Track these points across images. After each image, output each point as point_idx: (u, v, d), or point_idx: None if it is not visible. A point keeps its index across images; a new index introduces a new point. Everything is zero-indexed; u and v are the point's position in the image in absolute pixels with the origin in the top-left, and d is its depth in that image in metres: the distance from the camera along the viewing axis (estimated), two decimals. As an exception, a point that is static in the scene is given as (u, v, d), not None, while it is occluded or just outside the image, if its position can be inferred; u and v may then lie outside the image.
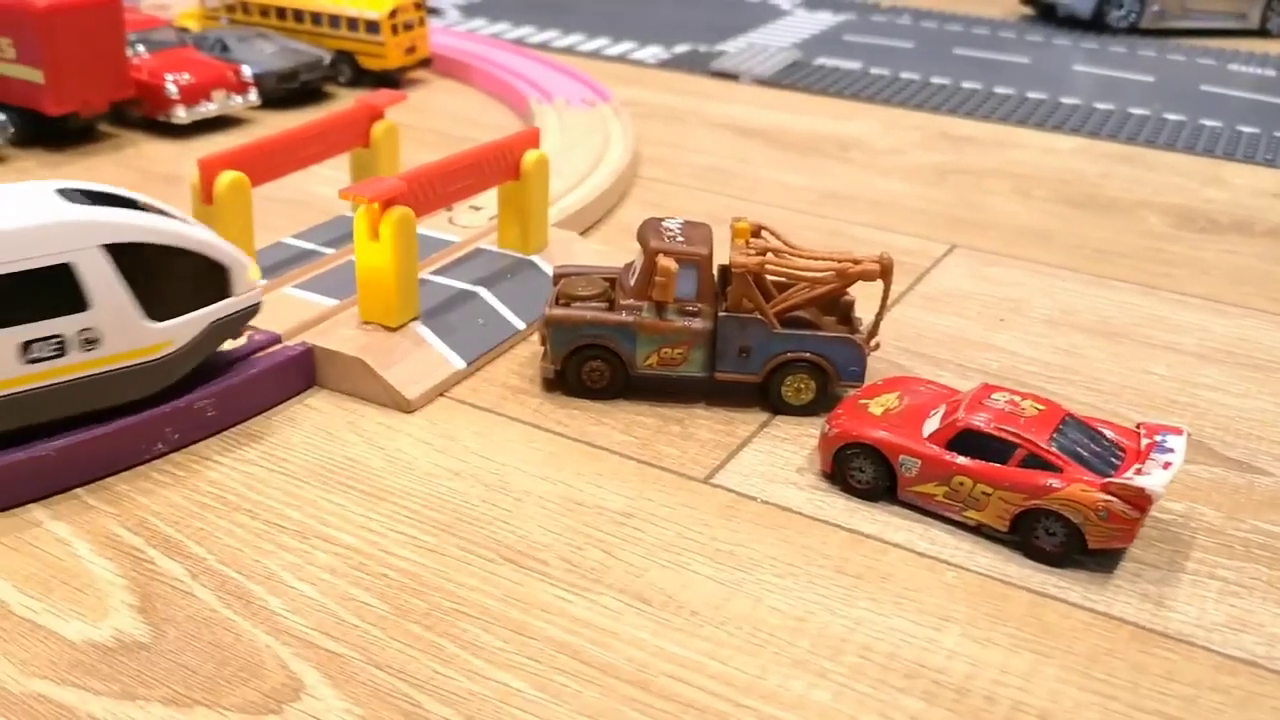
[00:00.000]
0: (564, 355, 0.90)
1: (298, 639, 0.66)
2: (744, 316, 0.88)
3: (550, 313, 0.90)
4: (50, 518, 0.75)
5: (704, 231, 0.91)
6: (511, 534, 0.76)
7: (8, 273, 0.72)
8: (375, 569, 0.72)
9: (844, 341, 0.89)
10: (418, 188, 0.93)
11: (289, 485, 0.79)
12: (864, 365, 0.89)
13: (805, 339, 0.89)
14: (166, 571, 0.70)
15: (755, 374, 0.90)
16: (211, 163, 0.95)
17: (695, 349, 0.89)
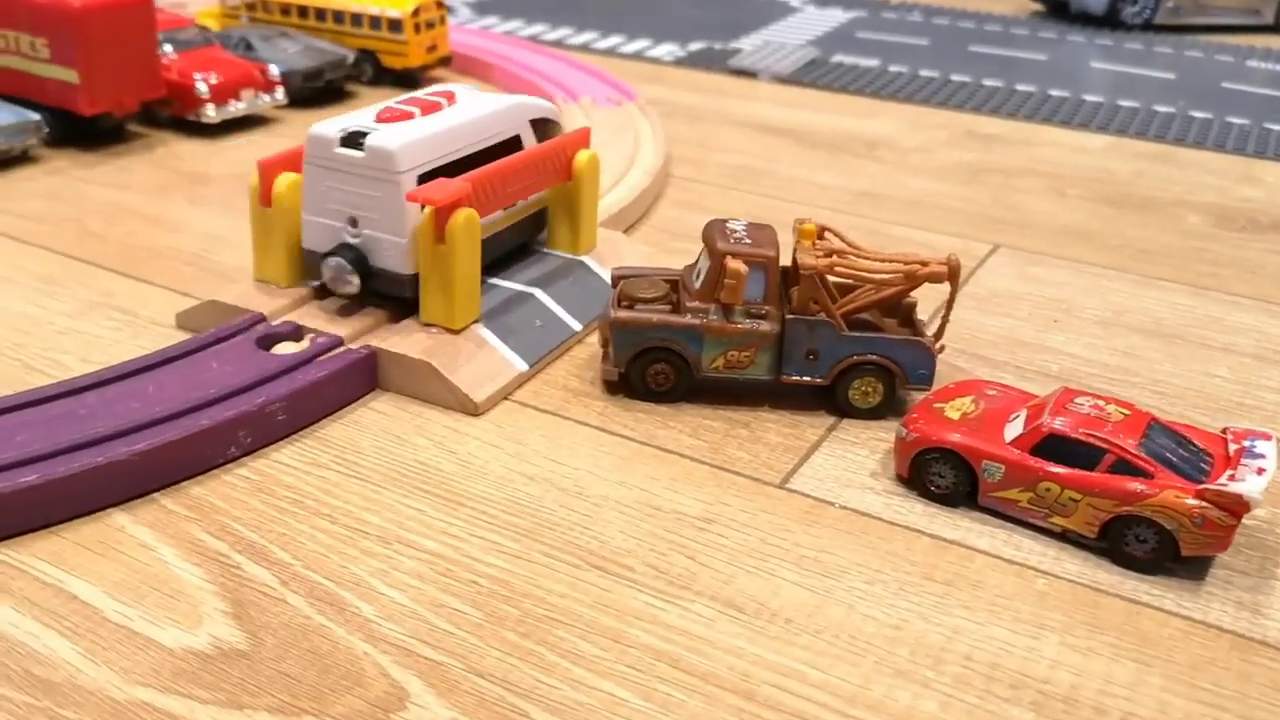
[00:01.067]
0: (629, 358, 0.90)
1: (395, 646, 0.65)
2: (812, 319, 0.88)
3: (616, 315, 0.89)
4: (132, 522, 0.74)
5: (769, 233, 0.91)
6: (594, 539, 0.75)
7: (495, 143, 0.99)
8: (463, 575, 0.71)
9: (913, 344, 0.89)
10: (481, 190, 0.92)
11: (365, 490, 0.78)
12: (933, 368, 0.89)
13: (874, 341, 0.88)
14: (255, 578, 0.70)
15: (823, 377, 0.89)
16: (271, 165, 0.94)
17: (762, 352, 0.89)
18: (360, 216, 0.90)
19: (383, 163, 0.88)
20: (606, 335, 0.91)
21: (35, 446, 0.73)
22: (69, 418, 0.77)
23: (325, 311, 0.93)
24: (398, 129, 0.92)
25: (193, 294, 1.02)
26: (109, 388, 0.82)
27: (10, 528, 0.71)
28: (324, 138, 0.91)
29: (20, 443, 0.74)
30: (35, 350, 0.92)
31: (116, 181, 1.27)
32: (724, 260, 0.87)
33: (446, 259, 0.89)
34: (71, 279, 1.04)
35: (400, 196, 0.88)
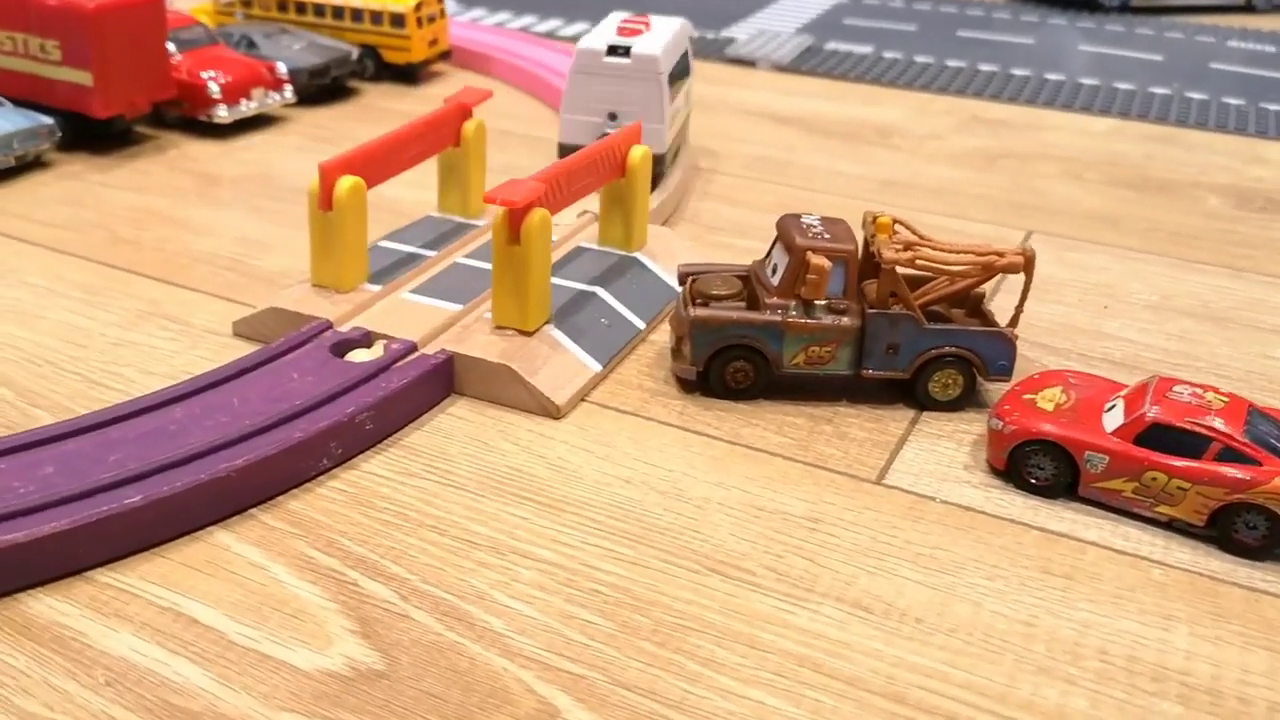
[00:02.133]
0: (707, 356, 0.89)
1: (534, 661, 0.64)
2: (894, 313, 0.87)
3: (695, 314, 0.88)
4: (236, 540, 0.71)
5: (845, 227, 0.90)
6: (706, 543, 0.74)
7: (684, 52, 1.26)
8: (584, 584, 0.70)
9: (994, 335, 0.88)
10: (552, 189, 0.90)
11: (465, 499, 0.77)
12: (1013, 359, 0.89)
13: (955, 334, 0.88)
14: (375, 594, 0.68)
15: (903, 371, 0.89)
16: (332, 168, 0.92)
17: (843, 347, 0.88)
18: (621, 111, 1.17)
19: (648, 65, 1.17)
20: (682, 333, 0.90)
21: (132, 465, 0.71)
22: (159, 434, 0.74)
23: (389, 316, 0.91)
24: (647, 39, 1.20)
25: (241, 300, 1.00)
26: (193, 401, 0.79)
27: (115, 551, 0.68)
28: (592, 50, 1.18)
29: (115, 462, 0.71)
30: (94, 363, 0.89)
31: (135, 185, 1.23)
32: (805, 256, 0.86)
33: (521, 260, 0.87)
34: (114, 288, 1.01)
35: (661, 92, 1.18)
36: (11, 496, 0.67)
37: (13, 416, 0.82)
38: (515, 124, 1.50)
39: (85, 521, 0.66)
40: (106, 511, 0.67)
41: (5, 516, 0.66)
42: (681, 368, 0.90)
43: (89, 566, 0.68)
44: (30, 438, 0.73)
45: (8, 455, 0.72)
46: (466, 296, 0.95)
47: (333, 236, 0.92)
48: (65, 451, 0.72)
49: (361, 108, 1.53)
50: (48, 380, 0.87)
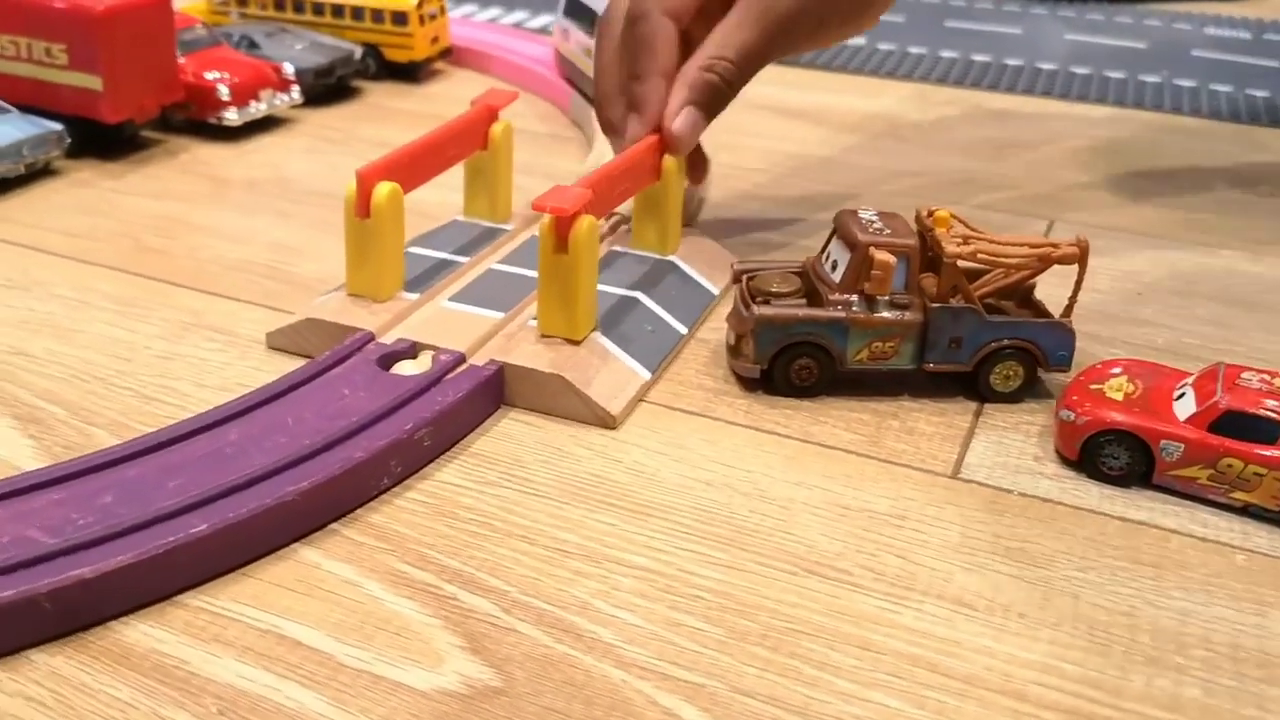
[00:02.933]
0: (772, 354, 0.88)
1: (650, 670, 0.63)
2: (956, 307, 0.88)
3: (760, 312, 0.87)
4: (324, 557, 0.70)
5: (903, 222, 0.90)
6: (798, 544, 0.73)
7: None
8: (685, 590, 0.69)
9: (1055, 326, 0.89)
10: (599, 196, 0.89)
11: (549, 507, 0.76)
12: (1073, 349, 0.89)
13: (1017, 325, 0.88)
14: (476, 608, 0.66)
15: (965, 364, 0.89)
16: (369, 174, 0.90)
17: (906, 341, 0.88)
18: None
19: None
20: (743, 332, 0.89)
21: (193, 491, 0.68)
22: (217, 457, 0.72)
23: (431, 325, 0.90)
24: None
25: (282, 308, 0.97)
26: (246, 421, 0.77)
27: (186, 580, 0.66)
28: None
29: (176, 488, 0.69)
30: (144, 378, 0.87)
31: (150, 191, 1.20)
32: (868, 251, 0.86)
33: (569, 269, 0.86)
34: (150, 299, 0.98)
35: None
36: (71, 529, 0.65)
37: (71, 436, 0.80)
38: (520, 121, 1.48)
39: (152, 554, 0.64)
40: (172, 542, 0.65)
41: (65, 551, 0.63)
42: (744, 366, 0.90)
43: (170, 594, 0.66)
44: (84, 464, 0.70)
45: (63, 484, 0.69)
46: (507, 304, 0.93)
47: (370, 244, 0.91)
48: (123, 478, 0.70)
49: (367, 107, 1.51)
50: (99, 397, 0.84)
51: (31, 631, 0.61)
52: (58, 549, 0.63)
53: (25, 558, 0.62)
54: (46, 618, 0.61)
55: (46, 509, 0.66)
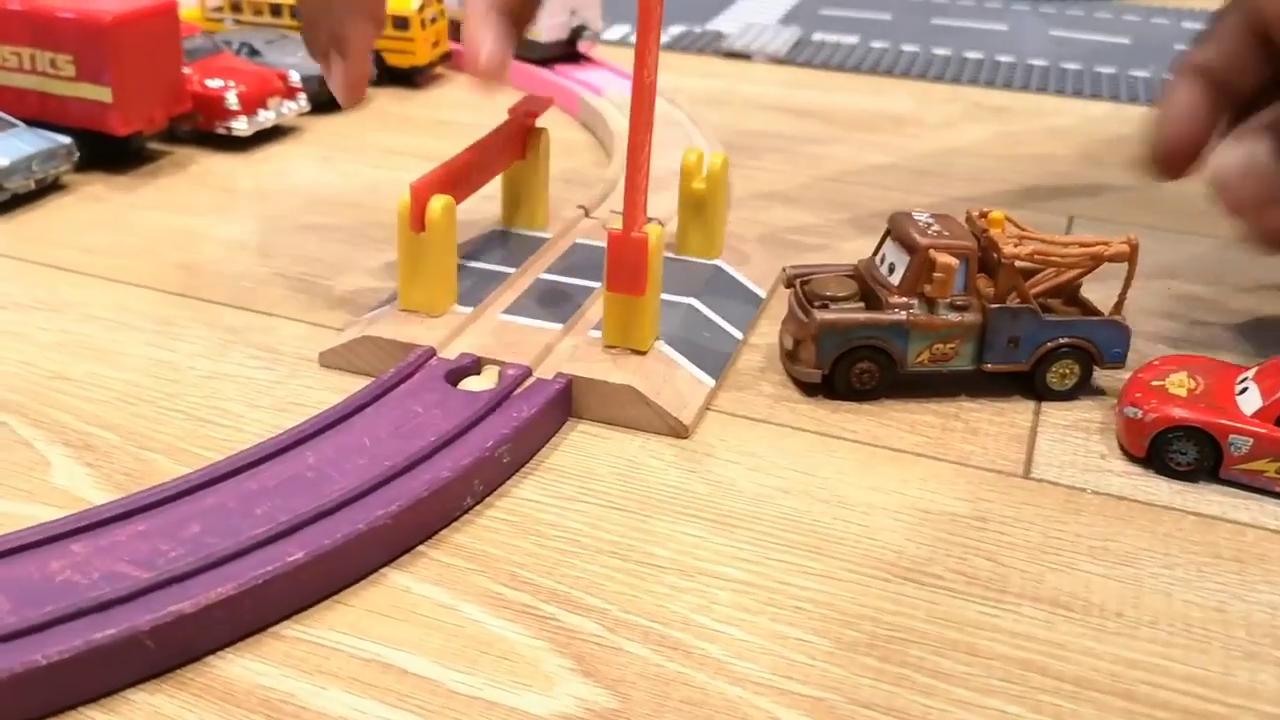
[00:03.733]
0: (833, 359, 0.88)
1: (765, 686, 0.62)
2: (1015, 307, 0.88)
3: (823, 317, 0.87)
4: (415, 581, 0.68)
5: (958, 224, 0.90)
6: (886, 550, 0.73)
7: None
8: (785, 602, 0.68)
9: (1110, 324, 0.89)
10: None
11: (632, 521, 0.74)
12: (1127, 346, 0.90)
13: (1073, 324, 0.89)
14: (579, 628, 0.65)
15: (1023, 363, 0.89)
16: (423, 187, 0.88)
17: (966, 343, 0.88)
18: None
19: None
20: (803, 337, 0.89)
21: (282, 518, 0.67)
22: (299, 482, 0.70)
23: (491, 339, 0.88)
24: None
25: (323, 324, 0.96)
26: (321, 443, 0.75)
27: (281, 611, 0.64)
28: None
29: (264, 515, 0.67)
30: (194, 399, 0.85)
31: (167, 205, 1.18)
32: (930, 254, 0.86)
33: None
34: (186, 316, 0.96)
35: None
36: (163, 562, 0.63)
37: (128, 463, 0.77)
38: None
39: (251, 584, 0.62)
40: (270, 571, 0.63)
41: (159, 585, 0.61)
42: (804, 371, 0.89)
43: (266, 626, 0.64)
44: (161, 494, 0.68)
45: (143, 515, 0.67)
46: (563, 314, 0.92)
47: (425, 259, 0.89)
48: (205, 507, 0.68)
49: (372, 114, 1.48)
50: (150, 420, 0.82)
51: (132, 670, 0.59)
52: (152, 583, 0.61)
53: (120, 594, 0.60)
54: (148, 655, 0.59)
55: (132, 542, 0.64)
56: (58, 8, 1.17)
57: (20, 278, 1.01)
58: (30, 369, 0.87)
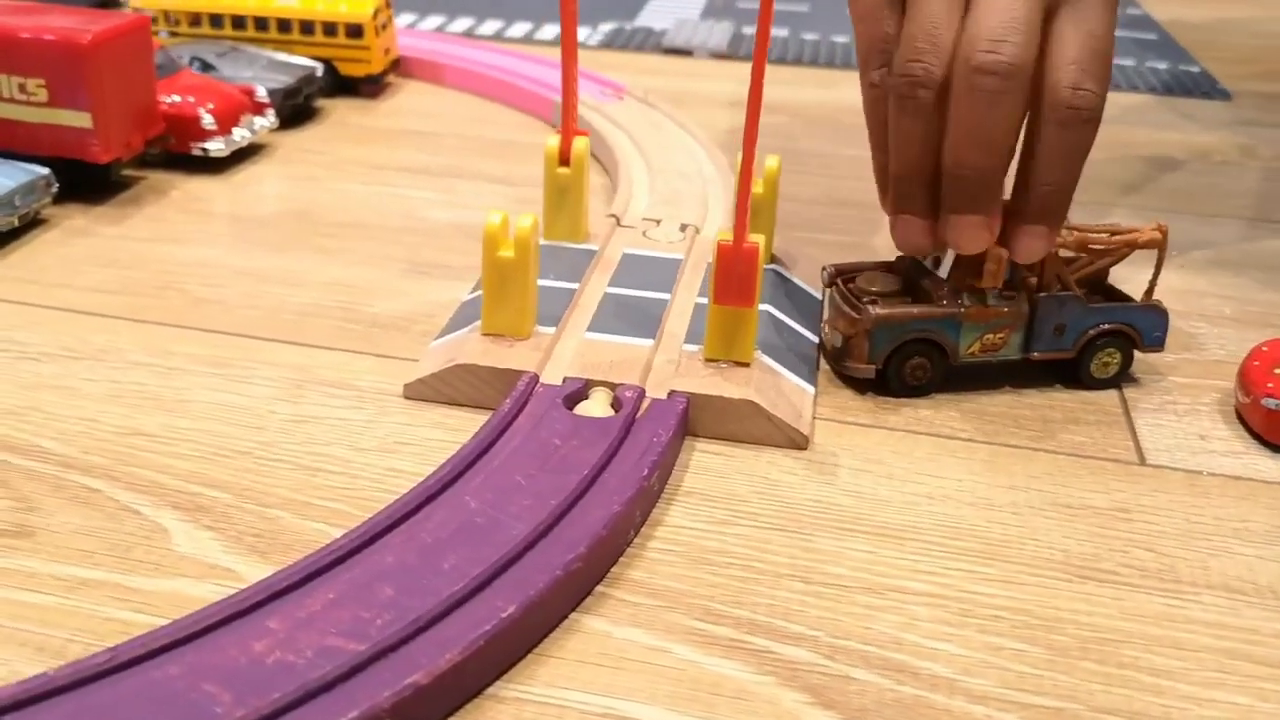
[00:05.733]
0: (887, 354, 0.88)
1: (1007, 702, 0.61)
2: (1061, 295, 0.89)
3: (878, 312, 0.87)
4: (610, 624, 0.65)
5: None
6: (1051, 549, 0.73)
7: None
8: (981, 612, 0.68)
9: (1151, 309, 0.91)
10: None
11: (796, 540, 0.73)
12: (1166, 330, 0.92)
13: (1115, 310, 0.91)
14: (798, 658, 0.63)
15: (1068, 350, 0.91)
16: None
17: (1015, 332, 0.89)
18: None
19: None
20: (854, 333, 0.88)
21: (474, 571, 0.62)
22: (471, 529, 0.66)
23: (589, 360, 0.85)
24: None
25: (389, 354, 0.90)
26: (473, 485, 0.70)
27: (500, 667, 0.61)
28: None
29: (454, 569, 0.63)
30: (289, 447, 0.79)
31: (162, 235, 1.09)
32: None
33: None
34: (239, 356, 0.89)
35: None
36: (373, 630, 0.58)
37: (252, 522, 0.71)
38: (502, 132, 1.43)
39: (475, 646, 0.58)
40: (490, 630, 0.59)
41: (378, 655, 0.57)
42: (857, 368, 0.89)
43: (483, 688, 0.60)
44: (327, 557, 0.63)
45: (322, 580, 0.61)
46: (647, 329, 0.89)
47: (513, 280, 0.85)
48: (388, 566, 0.63)
49: (338, 128, 1.41)
50: (255, 474, 0.76)
51: (371, 751, 0.54)
52: (370, 655, 0.56)
53: (342, 670, 0.55)
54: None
55: (329, 612, 0.59)
56: (24, 28, 1.07)
57: (38, 324, 0.92)
58: (97, 426, 0.79)
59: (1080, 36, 0.81)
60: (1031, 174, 0.84)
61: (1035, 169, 0.84)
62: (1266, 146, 1.52)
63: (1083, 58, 0.80)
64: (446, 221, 1.16)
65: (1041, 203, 0.84)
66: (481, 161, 1.33)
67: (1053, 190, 0.84)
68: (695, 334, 0.89)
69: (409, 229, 1.13)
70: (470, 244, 1.10)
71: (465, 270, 1.04)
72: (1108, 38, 0.82)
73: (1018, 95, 0.80)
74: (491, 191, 1.24)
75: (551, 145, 1.01)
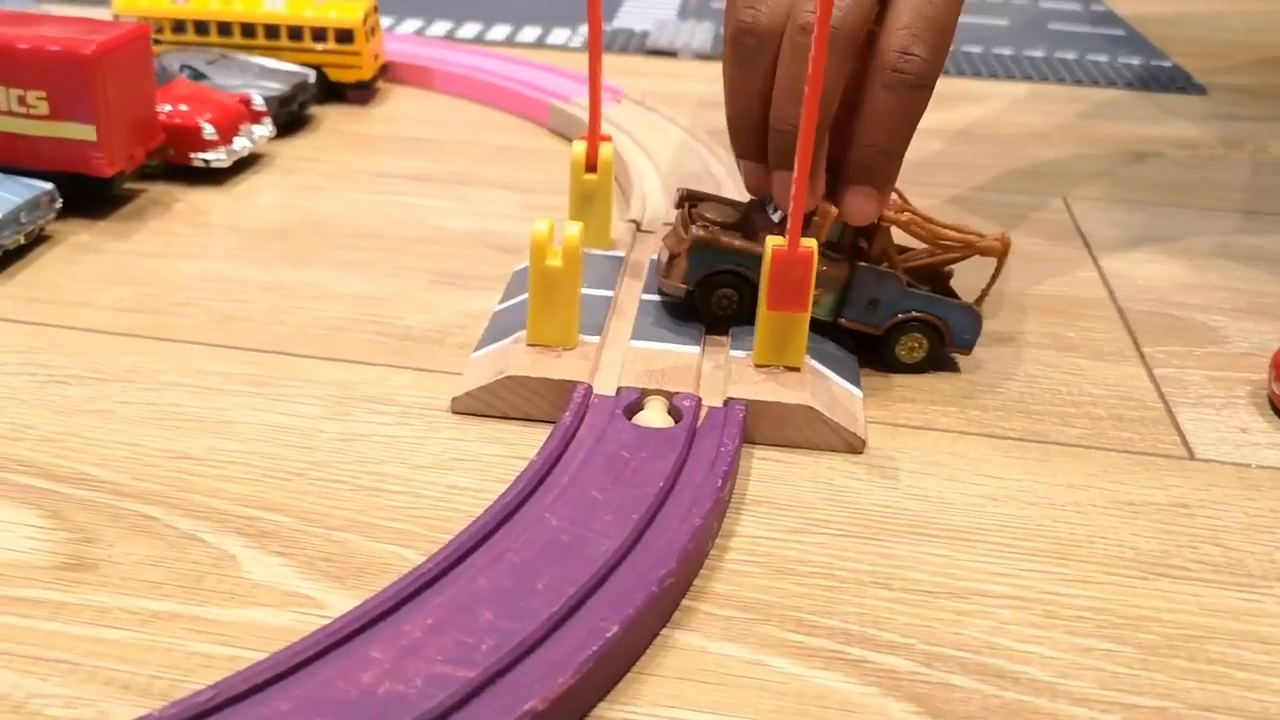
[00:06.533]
0: (699, 278, 0.88)
1: (1109, 703, 0.61)
2: (882, 270, 0.90)
3: (698, 234, 0.87)
4: (704, 639, 0.64)
5: None
6: (1120, 547, 0.74)
7: None
8: (1065, 613, 0.68)
9: (967, 310, 0.92)
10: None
11: (871, 547, 0.72)
12: (978, 334, 0.92)
13: (932, 302, 0.91)
14: (896, 667, 0.63)
15: (876, 327, 0.91)
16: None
17: (829, 293, 0.90)
18: None
19: None
20: (678, 251, 0.89)
21: (569, 590, 0.61)
22: (556, 547, 0.65)
23: (641, 368, 0.84)
24: None
25: (432, 369, 0.89)
26: (548, 501, 0.69)
27: (605, 688, 0.60)
28: None
29: (548, 590, 0.61)
30: (344, 467, 0.77)
31: (172, 250, 1.06)
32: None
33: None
34: (275, 374, 0.87)
35: None
36: (479, 656, 0.57)
37: (321, 546, 0.69)
38: (498, 137, 1.41)
39: (585, 667, 0.57)
40: (597, 651, 0.58)
41: (489, 681, 0.55)
42: (672, 285, 0.90)
43: (589, 710, 0.59)
44: (416, 581, 0.61)
45: (415, 605, 0.60)
46: (690, 336, 0.89)
47: (560, 290, 0.84)
48: (480, 589, 0.61)
49: (333, 135, 1.39)
50: (315, 496, 0.74)
51: (492, 782, 0.53)
52: (481, 681, 0.55)
53: (456, 699, 0.54)
54: (508, 763, 0.53)
55: (431, 638, 0.57)
56: (23, 38, 1.04)
57: (61, 346, 0.89)
58: (141, 451, 0.77)
59: (916, 4, 0.83)
60: (856, 134, 0.85)
61: (859, 130, 0.85)
62: (1249, 139, 1.55)
63: (915, 24, 0.82)
64: (462, 230, 1.14)
65: (864, 163, 0.85)
66: (485, 167, 1.31)
67: (875, 152, 0.85)
68: (739, 339, 0.88)
69: (426, 238, 1.12)
70: (489, 253, 1.09)
71: (488, 280, 1.03)
72: (946, 9, 0.84)
73: (837, 57, 0.81)
74: (503, 199, 1.22)
75: (578, 151, 1.00)
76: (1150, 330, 1.01)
